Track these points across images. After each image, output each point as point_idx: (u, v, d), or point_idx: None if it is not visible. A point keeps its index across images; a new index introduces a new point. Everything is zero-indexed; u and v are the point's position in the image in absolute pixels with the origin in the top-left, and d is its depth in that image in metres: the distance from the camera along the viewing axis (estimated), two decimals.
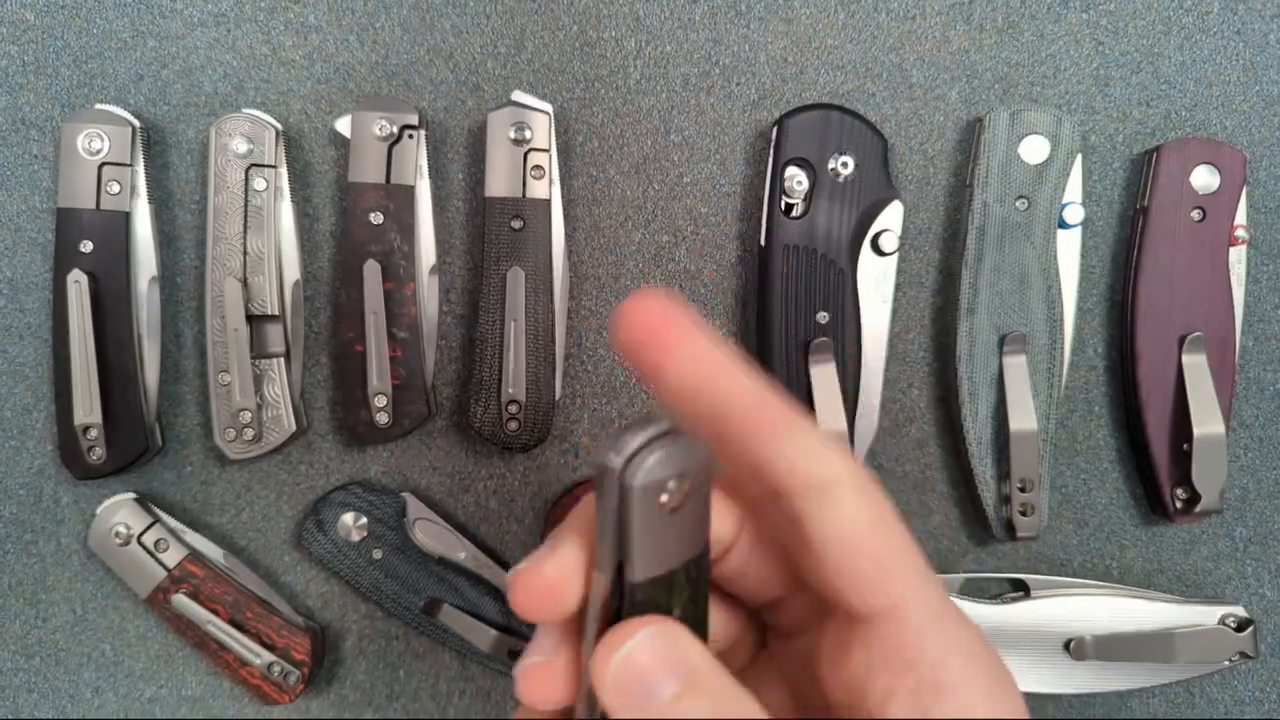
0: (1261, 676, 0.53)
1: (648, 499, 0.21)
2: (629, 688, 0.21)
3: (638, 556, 0.22)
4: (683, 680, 0.21)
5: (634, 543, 0.22)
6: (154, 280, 0.50)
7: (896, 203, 0.49)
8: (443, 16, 0.51)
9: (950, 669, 0.22)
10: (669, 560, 0.22)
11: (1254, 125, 0.52)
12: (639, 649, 0.22)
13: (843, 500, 0.22)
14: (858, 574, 0.22)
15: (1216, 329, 0.50)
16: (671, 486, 0.21)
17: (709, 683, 0.22)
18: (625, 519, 0.22)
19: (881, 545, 0.22)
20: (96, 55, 0.52)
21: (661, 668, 0.22)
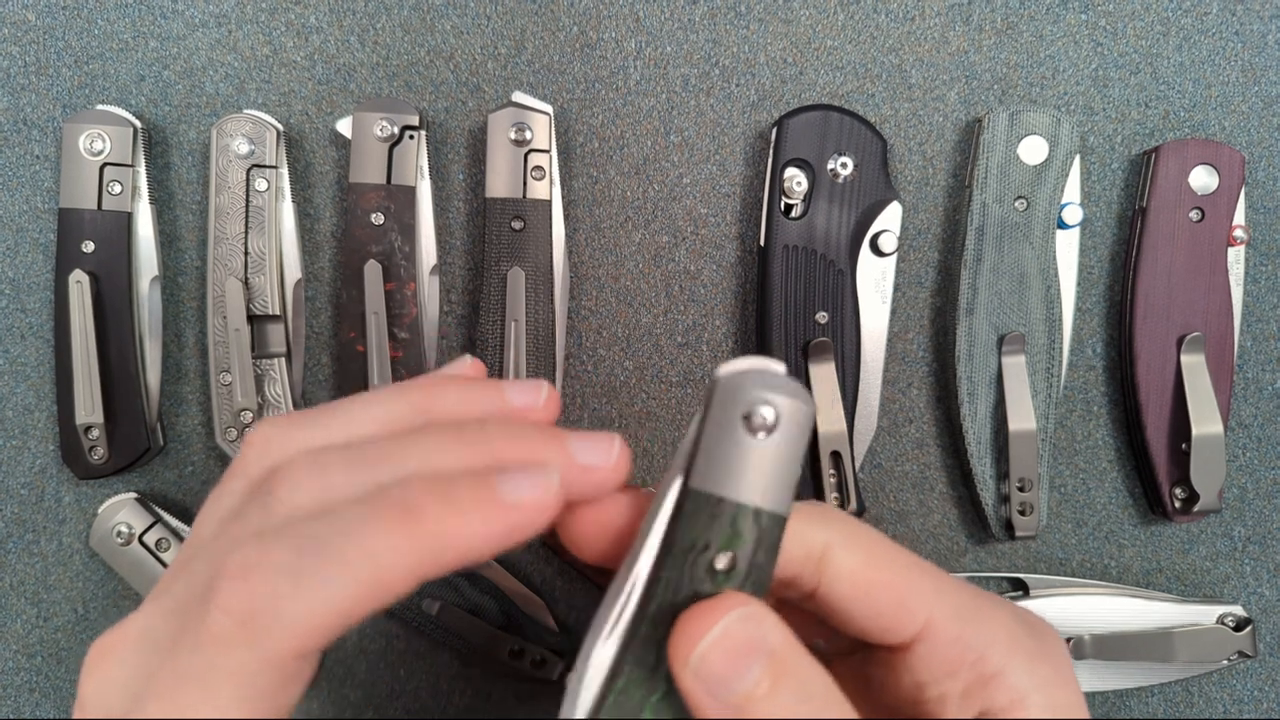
0: (1260, 676, 0.53)
1: (731, 404, 0.21)
2: (713, 675, 0.21)
3: (703, 459, 0.22)
4: (767, 660, 0.21)
5: (704, 440, 0.22)
6: (155, 280, 0.51)
7: (896, 203, 0.49)
8: (443, 18, 0.51)
9: (991, 660, 0.23)
10: (737, 489, 0.21)
11: (1252, 126, 0.52)
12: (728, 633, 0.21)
13: (836, 559, 0.23)
14: (878, 616, 0.23)
15: (1215, 329, 0.50)
16: (758, 403, 0.21)
17: (798, 673, 0.21)
18: (705, 416, 0.22)
19: (889, 581, 0.23)
20: (98, 56, 0.52)
21: (747, 651, 0.21)
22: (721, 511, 0.21)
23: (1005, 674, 0.23)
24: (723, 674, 0.20)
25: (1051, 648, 0.24)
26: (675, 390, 0.52)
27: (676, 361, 0.52)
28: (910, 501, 0.53)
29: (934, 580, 0.24)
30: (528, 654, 0.50)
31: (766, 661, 0.21)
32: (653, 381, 0.52)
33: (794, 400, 0.21)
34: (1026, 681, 0.23)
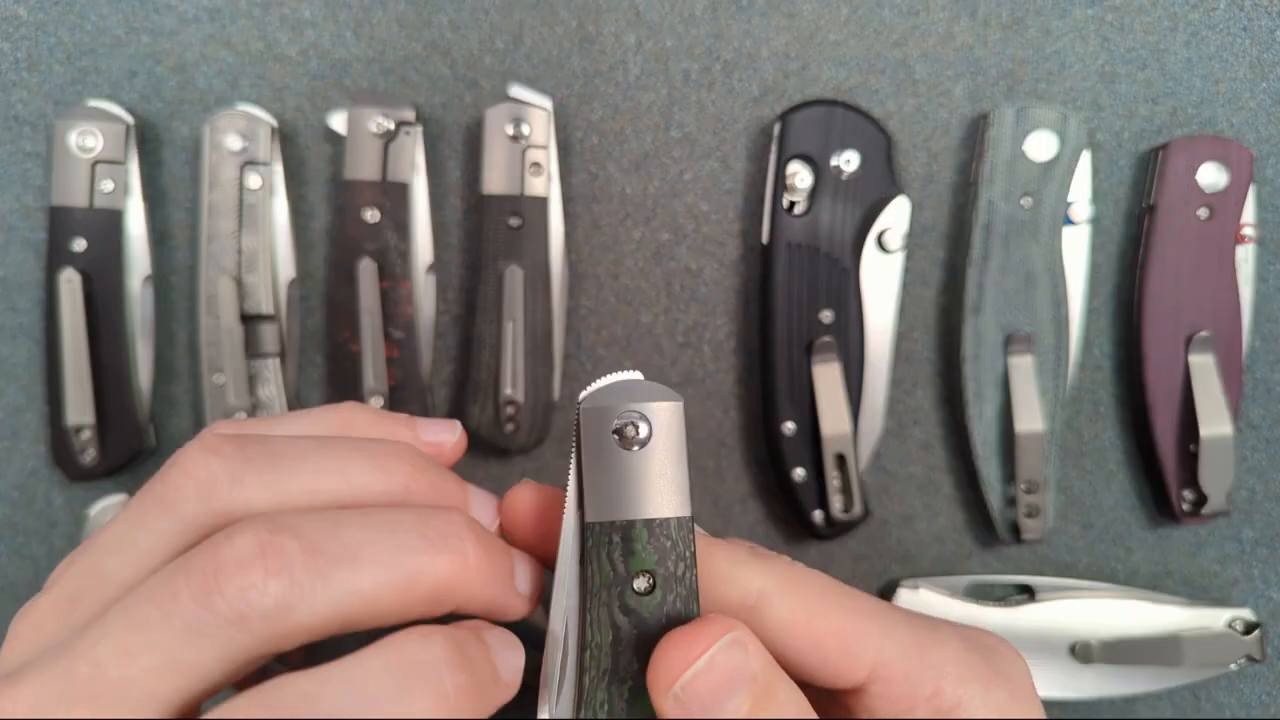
0: (1269, 680, 0.53)
1: (598, 427, 0.21)
2: (696, 704, 0.21)
3: (590, 490, 0.22)
4: (752, 697, 0.21)
5: (586, 471, 0.22)
6: (147, 279, 0.50)
7: (901, 199, 0.49)
8: (439, 11, 0.51)
9: (945, 694, 0.23)
10: (630, 509, 0.21)
11: (1261, 122, 0.52)
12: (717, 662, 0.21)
13: (773, 609, 0.23)
14: (823, 663, 0.23)
15: (1224, 328, 0.50)
16: (626, 418, 0.21)
17: (771, 684, 0.21)
18: (579, 448, 0.22)
19: (832, 629, 0.23)
20: (89, 51, 0.51)
21: (732, 679, 0.21)
22: (624, 533, 0.21)
23: (961, 705, 0.23)
24: (706, 702, 0.20)
25: (1008, 668, 0.24)
26: (676, 391, 0.52)
27: (677, 361, 0.52)
28: (916, 505, 0.52)
29: (879, 620, 0.24)
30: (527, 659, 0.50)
31: (748, 689, 0.21)
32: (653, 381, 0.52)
33: (659, 403, 0.22)
34: (983, 708, 0.23)
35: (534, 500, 0.25)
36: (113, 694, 0.19)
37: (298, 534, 0.20)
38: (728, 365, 0.52)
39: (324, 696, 0.19)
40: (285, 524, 0.20)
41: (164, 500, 0.22)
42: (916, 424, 0.52)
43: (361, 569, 0.20)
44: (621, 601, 0.22)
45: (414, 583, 0.21)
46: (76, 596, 0.21)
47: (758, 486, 0.53)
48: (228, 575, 0.19)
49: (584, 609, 0.22)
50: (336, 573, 0.20)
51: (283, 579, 0.20)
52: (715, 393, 0.52)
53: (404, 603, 0.21)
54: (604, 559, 0.22)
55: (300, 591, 0.20)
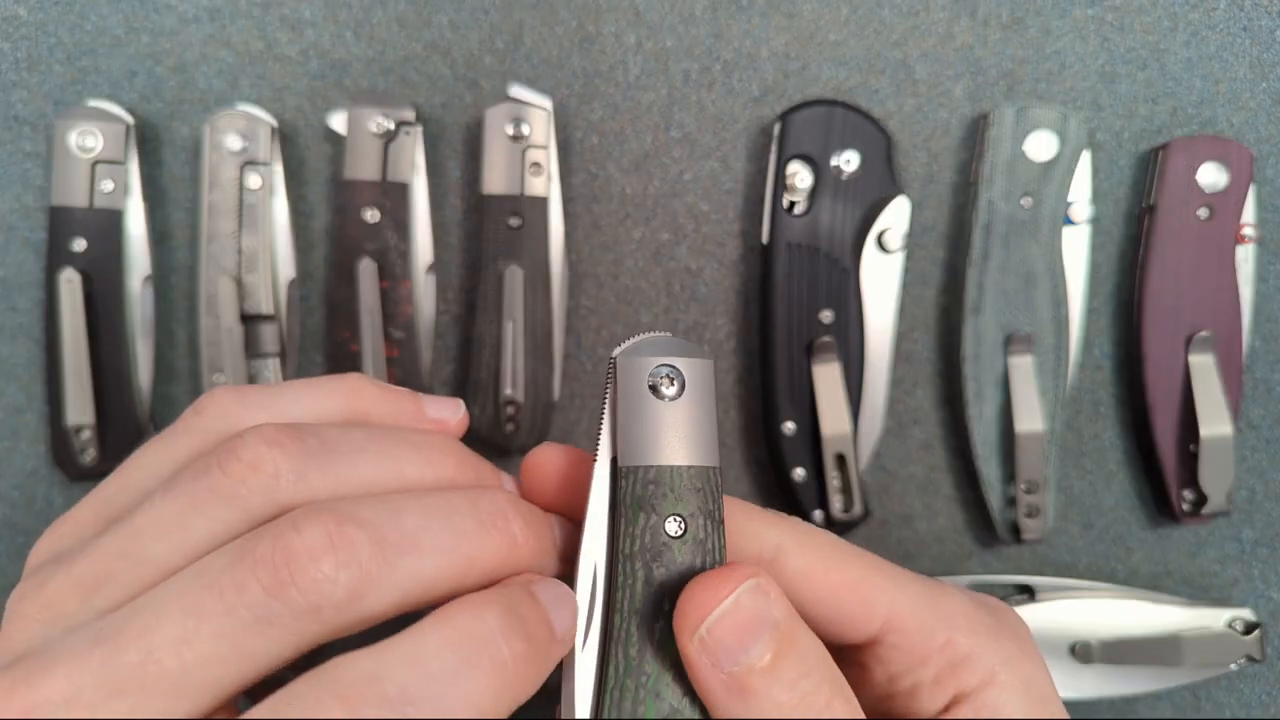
0: (1269, 680, 0.53)
1: (635, 377, 0.23)
2: (721, 649, 0.21)
3: (624, 436, 0.23)
4: (775, 644, 0.21)
5: (621, 419, 0.23)
6: (147, 279, 0.50)
7: (901, 199, 0.49)
8: (439, 11, 0.51)
9: (958, 645, 0.24)
10: (664, 454, 0.22)
11: (1261, 122, 0.52)
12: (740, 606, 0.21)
13: (791, 561, 0.24)
14: (839, 615, 0.24)
15: (1224, 328, 0.50)
16: (660, 371, 0.23)
17: (799, 648, 0.21)
18: (615, 396, 0.23)
19: (847, 581, 0.24)
20: (89, 51, 0.51)
21: (754, 624, 0.21)
22: (656, 478, 0.22)
23: (973, 655, 0.24)
24: (729, 646, 0.21)
25: (1013, 625, 0.25)
26: None
27: None
28: (916, 505, 0.52)
29: (890, 575, 0.24)
30: None
31: (771, 635, 0.21)
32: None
33: (692, 358, 0.23)
34: (994, 659, 0.24)
35: (557, 460, 0.26)
36: (169, 682, 0.19)
37: (363, 524, 0.20)
38: (728, 365, 0.52)
39: (387, 676, 0.19)
40: (350, 514, 0.20)
41: (225, 491, 0.21)
42: (916, 424, 0.52)
43: (424, 555, 0.21)
44: (654, 542, 0.22)
45: (471, 565, 0.22)
46: (106, 579, 0.21)
47: (758, 486, 0.52)
48: (300, 567, 0.19)
49: (614, 550, 0.23)
50: (401, 560, 0.20)
51: (353, 569, 0.20)
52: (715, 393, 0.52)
53: (461, 584, 0.22)
54: (637, 502, 0.22)
55: (370, 581, 0.20)
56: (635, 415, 0.23)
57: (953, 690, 0.23)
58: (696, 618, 0.21)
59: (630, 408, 0.23)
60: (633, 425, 0.23)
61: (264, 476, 0.22)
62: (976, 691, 0.23)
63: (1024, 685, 0.23)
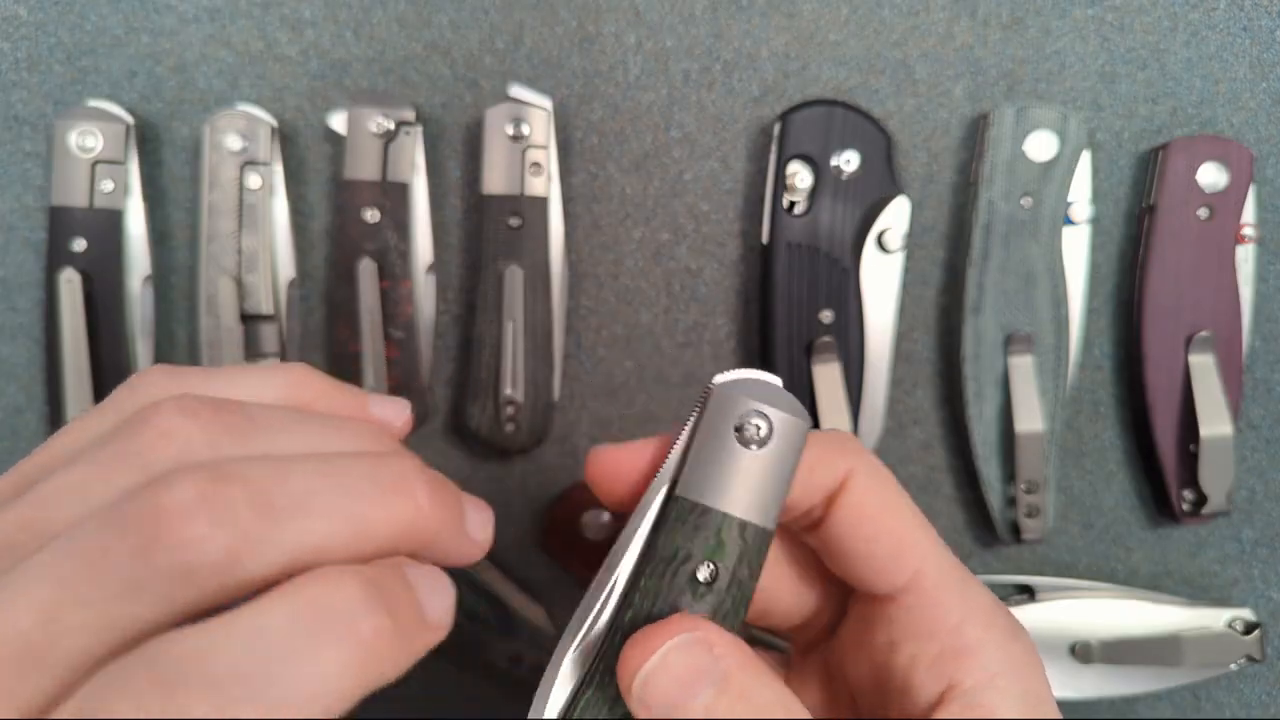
0: (1269, 680, 0.53)
1: (724, 413, 0.22)
2: (658, 703, 0.20)
3: (692, 468, 0.22)
4: (717, 686, 0.20)
5: (694, 448, 0.22)
6: (147, 279, 0.50)
7: (901, 199, 0.49)
8: (439, 11, 0.51)
9: (968, 633, 0.23)
10: (724, 500, 0.22)
11: (1261, 122, 0.52)
12: (671, 660, 0.20)
13: (852, 494, 0.23)
14: (875, 556, 0.23)
15: (1224, 328, 0.50)
16: (752, 415, 0.22)
17: (745, 685, 0.21)
18: (697, 424, 0.22)
19: (893, 524, 0.24)
20: (89, 51, 0.51)
21: (693, 679, 0.20)
22: (707, 522, 0.22)
23: (979, 650, 0.23)
24: (663, 700, 0.20)
25: (1021, 630, 0.24)
26: (675, 390, 0.52)
27: (677, 361, 0.52)
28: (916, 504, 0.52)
29: (931, 540, 0.24)
30: (525, 660, 0.50)
31: (716, 687, 0.20)
32: (653, 381, 0.52)
33: (788, 415, 0.22)
34: (999, 661, 0.23)
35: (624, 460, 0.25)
36: (33, 654, 0.17)
37: (244, 481, 0.19)
38: (728, 365, 0.52)
39: (217, 654, 0.17)
40: (228, 472, 0.19)
41: (131, 458, 0.20)
42: (916, 424, 0.52)
43: (314, 518, 0.19)
44: (678, 581, 0.22)
45: (367, 531, 0.20)
46: (5, 550, 0.19)
47: None
48: (170, 526, 0.18)
49: (639, 572, 0.22)
50: (288, 522, 0.19)
51: (229, 529, 0.18)
52: None
53: (357, 551, 0.20)
54: (683, 534, 0.22)
55: (249, 541, 0.18)
56: (710, 450, 0.22)
57: (948, 679, 0.23)
58: (632, 668, 0.21)
59: (708, 440, 0.22)
60: (704, 459, 0.22)
61: (174, 445, 0.20)
62: (973, 690, 0.23)
63: (1022, 695, 0.23)
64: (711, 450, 0.22)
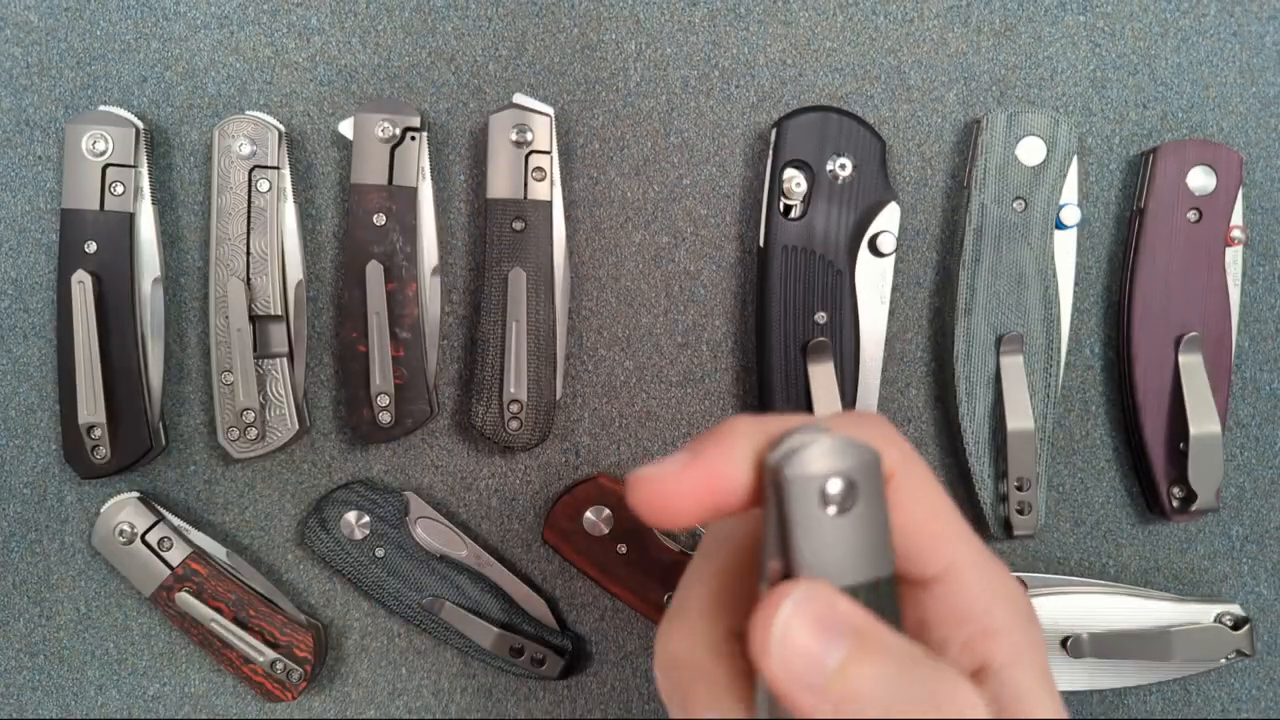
0: (1258, 674, 0.54)
1: (805, 493, 0.20)
2: (798, 664, 0.20)
3: (802, 561, 0.20)
4: (849, 644, 0.20)
5: (796, 544, 0.20)
6: (158, 281, 0.51)
7: (894, 204, 0.49)
8: (444, 20, 0.52)
9: (996, 616, 0.24)
10: (843, 573, 0.20)
11: (1250, 127, 0.52)
12: (793, 620, 0.20)
13: (895, 482, 0.23)
14: (912, 547, 0.24)
15: (1213, 329, 0.50)
16: (831, 483, 0.20)
17: (876, 634, 0.20)
18: (785, 517, 0.20)
19: (930, 517, 0.24)
20: (100, 57, 0.52)
21: (823, 633, 0.20)
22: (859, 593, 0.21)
23: (1008, 631, 0.24)
24: (807, 654, 0.20)
25: (1033, 610, 0.25)
26: (675, 390, 0.53)
27: (676, 361, 0.53)
28: None
29: (962, 530, 0.24)
30: (528, 652, 0.51)
31: (852, 639, 0.20)
32: (653, 381, 0.53)
33: (859, 462, 0.20)
34: (1024, 641, 0.24)
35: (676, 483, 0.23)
36: None
37: None
38: (725, 365, 0.53)
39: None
40: None
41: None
42: (909, 422, 0.53)
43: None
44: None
45: None
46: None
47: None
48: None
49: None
50: None
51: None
52: (713, 392, 0.53)
53: None
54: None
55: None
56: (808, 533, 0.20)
57: (980, 658, 0.23)
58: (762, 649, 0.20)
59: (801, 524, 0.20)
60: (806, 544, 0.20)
61: None
62: (1004, 669, 0.23)
63: (1042, 673, 0.24)
64: (807, 530, 0.20)
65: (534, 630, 0.51)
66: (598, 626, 0.53)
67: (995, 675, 0.23)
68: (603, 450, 0.53)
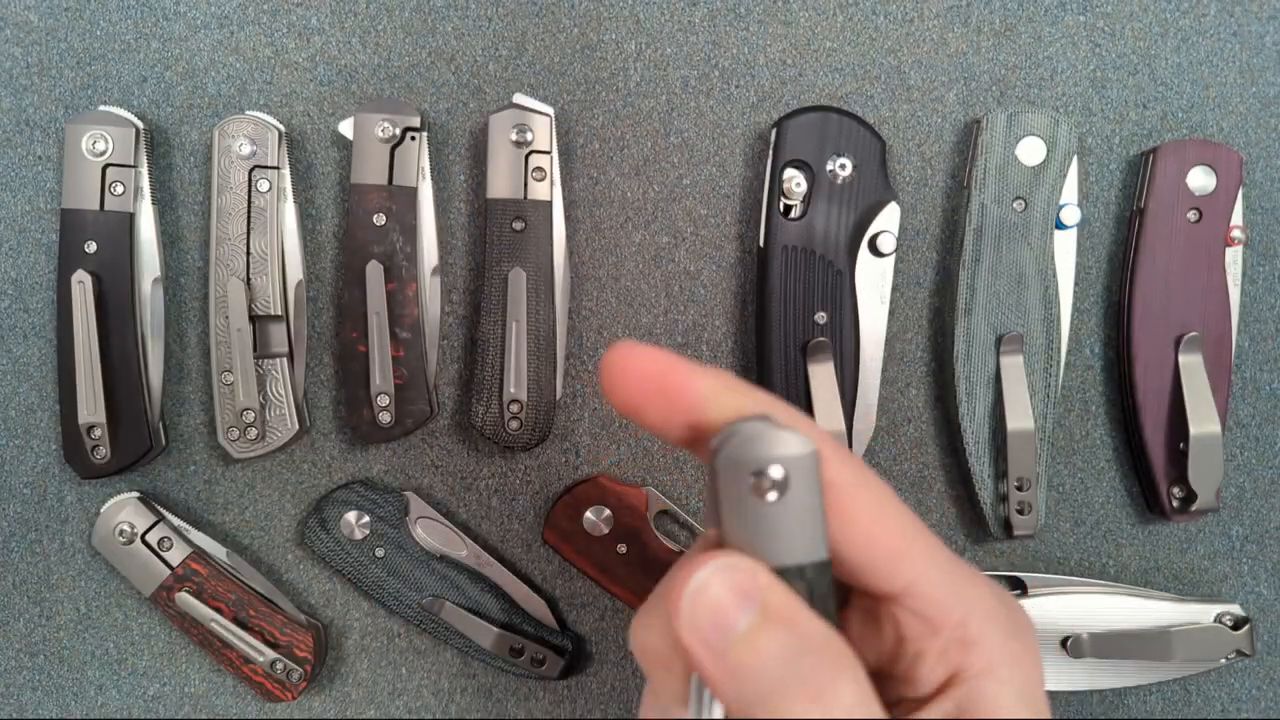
0: (1258, 674, 0.54)
1: (739, 477, 0.21)
2: (704, 623, 0.21)
3: (731, 539, 0.21)
4: (759, 610, 0.21)
5: (727, 522, 0.21)
6: (158, 281, 0.51)
7: (894, 204, 0.49)
8: (445, 20, 0.52)
9: (971, 626, 0.24)
10: (771, 555, 0.21)
11: (1250, 127, 0.52)
12: (711, 582, 0.21)
13: (840, 497, 0.23)
14: (873, 563, 0.24)
15: (1213, 329, 0.50)
16: (769, 469, 0.21)
17: (788, 611, 0.21)
18: (720, 496, 0.21)
19: (889, 531, 0.24)
20: (100, 57, 0.52)
21: (735, 599, 0.21)
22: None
23: (982, 642, 0.24)
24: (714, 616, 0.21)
25: (1025, 626, 0.25)
26: None
27: None
28: (908, 501, 0.53)
29: (926, 543, 0.24)
30: (529, 652, 0.51)
31: (760, 611, 0.21)
32: None
33: (794, 450, 0.21)
34: (1000, 653, 0.24)
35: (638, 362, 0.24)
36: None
37: None
38: (725, 365, 0.53)
39: None
40: None
41: None
42: (909, 422, 0.53)
43: None
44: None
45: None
46: None
47: None
48: None
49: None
50: None
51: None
52: None
53: None
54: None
55: None
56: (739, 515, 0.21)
57: (954, 667, 0.24)
58: (676, 605, 0.21)
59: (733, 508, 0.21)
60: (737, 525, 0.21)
61: None
62: (975, 678, 0.23)
63: (1021, 685, 0.24)
64: (737, 514, 0.21)
65: (534, 630, 0.51)
66: (598, 627, 0.53)
67: (965, 684, 0.23)
68: (603, 450, 0.53)
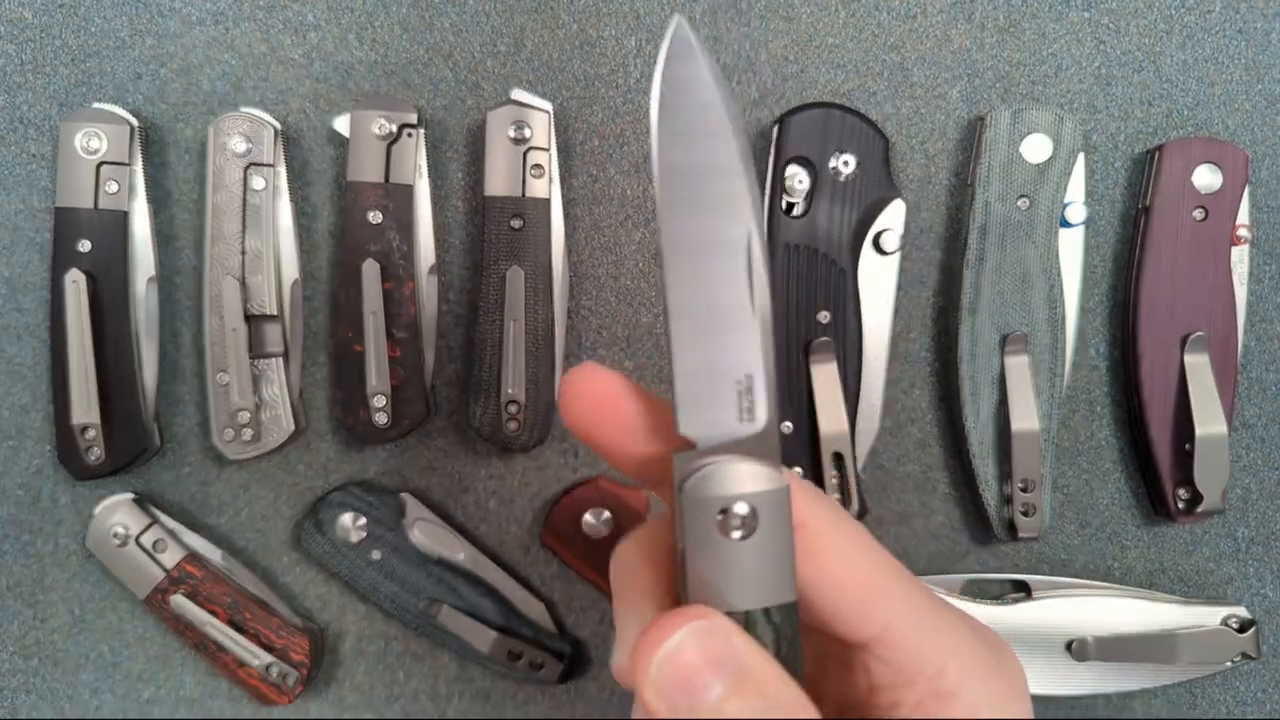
0: (1264, 677, 0.53)
1: (705, 514, 0.20)
2: (673, 689, 0.20)
3: (697, 577, 0.20)
4: (731, 679, 0.20)
5: (690, 563, 0.20)
6: (152, 280, 0.50)
7: (898, 201, 0.49)
8: (442, 15, 0.51)
9: (949, 675, 0.23)
10: (738, 596, 0.20)
11: (1256, 124, 0.52)
12: (685, 646, 0.20)
13: (808, 539, 0.22)
14: (844, 607, 0.23)
15: (1218, 328, 0.50)
16: (735, 506, 0.20)
17: (761, 679, 0.20)
18: (687, 533, 0.20)
19: (860, 576, 0.23)
20: (94, 54, 0.51)
21: (709, 666, 0.20)
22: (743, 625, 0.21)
23: (962, 693, 0.23)
24: (682, 686, 0.20)
25: (1010, 666, 0.24)
26: None
27: None
28: (912, 502, 0.53)
29: (902, 586, 0.23)
30: (527, 656, 0.50)
31: (733, 678, 0.20)
32: (653, 381, 0.52)
33: (763, 485, 0.20)
34: (981, 701, 0.23)
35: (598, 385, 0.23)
36: None
37: None
38: None
39: None
40: None
41: None
42: (913, 423, 0.52)
43: None
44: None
45: None
46: None
47: None
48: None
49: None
50: None
51: None
52: None
53: None
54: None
55: None
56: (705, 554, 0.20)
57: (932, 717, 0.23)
58: (649, 651, 0.20)
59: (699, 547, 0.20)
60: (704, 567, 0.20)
61: None
62: None
63: None
64: (704, 553, 0.20)
65: (532, 634, 0.51)
66: (597, 630, 0.53)
67: None
68: None
